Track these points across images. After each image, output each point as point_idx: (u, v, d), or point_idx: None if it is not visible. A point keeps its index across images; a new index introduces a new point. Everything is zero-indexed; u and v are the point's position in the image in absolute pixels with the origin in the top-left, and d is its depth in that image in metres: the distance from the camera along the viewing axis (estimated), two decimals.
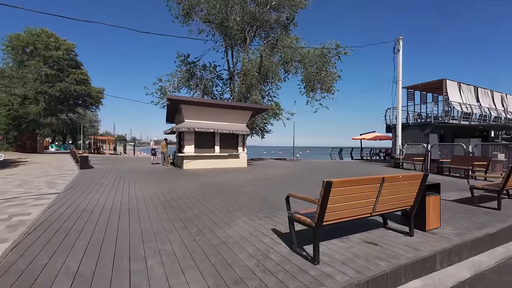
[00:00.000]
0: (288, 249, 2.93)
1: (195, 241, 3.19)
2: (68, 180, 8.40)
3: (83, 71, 27.70)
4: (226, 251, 2.88)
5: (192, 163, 12.79)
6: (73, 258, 2.69)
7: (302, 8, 17.16)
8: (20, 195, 5.95)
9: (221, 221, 4.02)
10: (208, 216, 4.30)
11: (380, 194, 2.88)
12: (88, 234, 3.39)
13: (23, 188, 6.97)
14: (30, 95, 24.11)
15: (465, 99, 16.56)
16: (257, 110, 14.82)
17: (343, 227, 3.55)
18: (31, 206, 4.98)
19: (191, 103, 12.65)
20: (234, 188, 7.05)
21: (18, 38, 24.51)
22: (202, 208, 4.83)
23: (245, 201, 5.50)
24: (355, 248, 2.96)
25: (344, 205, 2.62)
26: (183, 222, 3.96)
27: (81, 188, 6.90)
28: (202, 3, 14.91)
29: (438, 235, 3.39)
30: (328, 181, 2.40)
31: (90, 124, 64.13)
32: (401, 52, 15.81)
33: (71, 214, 4.36)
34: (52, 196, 5.89)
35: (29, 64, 24.58)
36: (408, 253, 2.82)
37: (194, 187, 7.32)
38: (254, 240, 3.23)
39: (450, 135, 16.20)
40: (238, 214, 4.42)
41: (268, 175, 10.53)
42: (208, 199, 5.70)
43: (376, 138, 22.27)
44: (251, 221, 4.05)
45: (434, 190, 3.74)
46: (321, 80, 16.06)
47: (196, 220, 4.09)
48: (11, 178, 8.80)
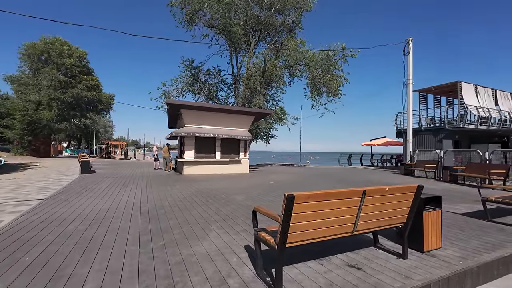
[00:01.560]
0: (253, 273, 2.51)
1: (151, 258, 2.83)
2: (61, 186, 8.31)
3: (94, 77, 28.43)
4: (181, 273, 2.49)
5: (192, 168, 12.55)
6: (6, 277, 2.38)
7: (308, 11, 16.86)
8: (4, 201, 5.82)
9: (192, 235, 3.64)
10: (182, 228, 3.94)
11: (362, 210, 2.42)
12: (42, 247, 3.10)
13: (14, 193, 6.89)
14: (44, 101, 24.90)
15: (482, 102, 15.53)
16: (260, 115, 14.47)
17: (327, 245, 3.10)
18: (8, 213, 4.80)
19: (191, 107, 12.48)
20: (224, 197, 6.68)
21: (34, 47, 25.50)
22: (180, 219, 4.48)
23: (229, 211, 5.10)
24: (332, 274, 2.50)
25: (314, 223, 2.19)
26: (153, 235, 3.62)
27: (69, 194, 6.73)
28: (205, 8, 14.87)
29: (438, 258, 2.87)
30: (290, 195, 1.99)
31: (104, 129, 65.98)
32: (411, 54, 15.09)
33: (40, 223, 4.12)
34: (35, 202, 5.73)
35: (43, 72, 25.47)
36: (395, 282, 2.34)
37: (185, 194, 7.00)
38: (219, 259, 2.83)
39: (466, 141, 15.17)
40: (215, 227, 4.03)
41: (268, 181, 10.09)
42: (192, 208, 5.35)
43: (387, 144, 21.35)
44: (225, 234, 3.65)
45: (435, 204, 3.22)
46: (327, 83, 15.55)
47: (167, 233, 3.74)
48: (8, 183, 8.83)
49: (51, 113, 25.32)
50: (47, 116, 25.05)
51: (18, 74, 26.24)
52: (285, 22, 16.64)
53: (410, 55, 15.14)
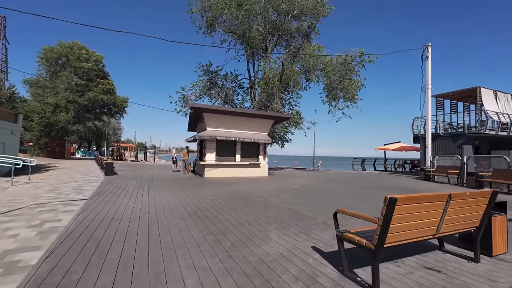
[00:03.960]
0: (337, 273, 2.60)
1: (230, 257, 2.94)
2: (94, 187, 8.52)
3: (110, 81, 29.03)
4: (267, 271, 2.60)
5: (213, 171, 12.70)
6: (107, 272, 2.52)
7: (324, 16, 17.03)
8: (50, 201, 6.02)
9: (254, 236, 3.75)
10: (240, 229, 4.05)
11: (446, 213, 2.51)
12: (119, 245, 3.24)
13: (53, 193, 7.11)
14: (61, 103, 25.47)
15: (502, 108, 15.44)
16: (279, 119, 14.60)
17: (393, 248, 3.17)
18: (62, 212, 4.98)
19: (213, 111, 12.68)
20: (260, 200, 6.78)
21: (52, 51, 26.19)
22: (232, 221, 4.59)
23: (274, 213, 5.20)
24: (414, 275, 2.58)
25: (407, 225, 2.28)
26: (216, 235, 3.73)
27: (108, 195, 6.91)
28: (226, 14, 15.17)
29: (509, 262, 2.92)
30: (392, 197, 2.09)
31: (113, 132, 66.80)
32: (430, 59, 15.12)
33: (100, 222, 4.28)
34: (80, 202, 5.91)
35: (61, 75, 26.10)
36: (482, 284, 2.41)
37: (220, 197, 7.12)
38: (296, 259, 2.93)
39: (487, 147, 15.04)
40: (271, 228, 4.14)
41: (292, 185, 10.17)
42: (236, 210, 5.46)
43: (401, 148, 21.24)
44: (286, 236, 3.75)
45: (500, 209, 3.27)
46: (345, 88, 15.63)
47: (228, 233, 3.85)
48: (42, 183, 9.08)
49: (68, 115, 25.85)
50: (64, 118, 25.58)
51: (36, 77, 26.91)
52: (300, 28, 16.85)
53: (428, 61, 15.18)
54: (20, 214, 4.78)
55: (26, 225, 4.07)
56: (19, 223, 4.15)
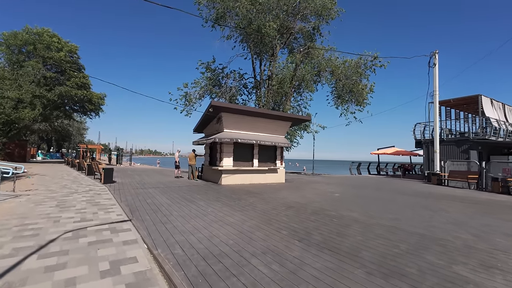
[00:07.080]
0: None
1: None
2: (110, 199, 6.85)
3: (85, 75, 25.73)
4: None
5: (231, 177, 11.43)
6: None
7: (333, 19, 16.74)
8: (81, 225, 4.45)
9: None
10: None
11: None
12: None
13: (70, 212, 5.42)
14: (26, 98, 21.85)
15: (497, 115, 16.43)
16: (297, 121, 13.78)
17: None
18: (122, 244, 3.56)
19: (232, 110, 11.44)
20: (335, 214, 5.86)
21: (15, 37, 22.43)
22: (359, 243, 3.61)
23: (384, 233, 4.31)
24: None
25: None
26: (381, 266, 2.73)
27: (151, 213, 5.45)
28: (238, 7, 14.03)
29: None
30: None
31: (77, 132, 60.52)
32: (437, 66, 15.57)
33: (208, 261, 3.01)
34: (127, 225, 4.45)
35: (26, 65, 22.45)
36: None
37: (285, 212, 6.04)
38: None
39: (486, 152, 15.86)
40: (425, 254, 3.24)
41: (329, 193, 9.37)
42: (344, 235, 4.47)
43: (397, 153, 21.80)
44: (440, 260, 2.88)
45: None
46: (358, 91, 15.41)
47: (393, 259, 2.87)
48: (37, 196, 7.11)
49: (34, 112, 22.29)
50: (28, 115, 21.98)
51: None
52: (308, 28, 16.36)
53: (436, 68, 15.61)
54: (62, 251, 3.27)
55: (92, 271, 2.67)
56: (79, 270, 2.72)
